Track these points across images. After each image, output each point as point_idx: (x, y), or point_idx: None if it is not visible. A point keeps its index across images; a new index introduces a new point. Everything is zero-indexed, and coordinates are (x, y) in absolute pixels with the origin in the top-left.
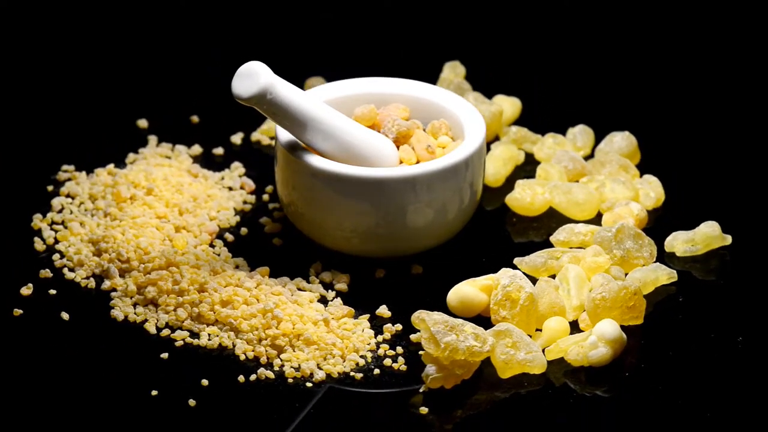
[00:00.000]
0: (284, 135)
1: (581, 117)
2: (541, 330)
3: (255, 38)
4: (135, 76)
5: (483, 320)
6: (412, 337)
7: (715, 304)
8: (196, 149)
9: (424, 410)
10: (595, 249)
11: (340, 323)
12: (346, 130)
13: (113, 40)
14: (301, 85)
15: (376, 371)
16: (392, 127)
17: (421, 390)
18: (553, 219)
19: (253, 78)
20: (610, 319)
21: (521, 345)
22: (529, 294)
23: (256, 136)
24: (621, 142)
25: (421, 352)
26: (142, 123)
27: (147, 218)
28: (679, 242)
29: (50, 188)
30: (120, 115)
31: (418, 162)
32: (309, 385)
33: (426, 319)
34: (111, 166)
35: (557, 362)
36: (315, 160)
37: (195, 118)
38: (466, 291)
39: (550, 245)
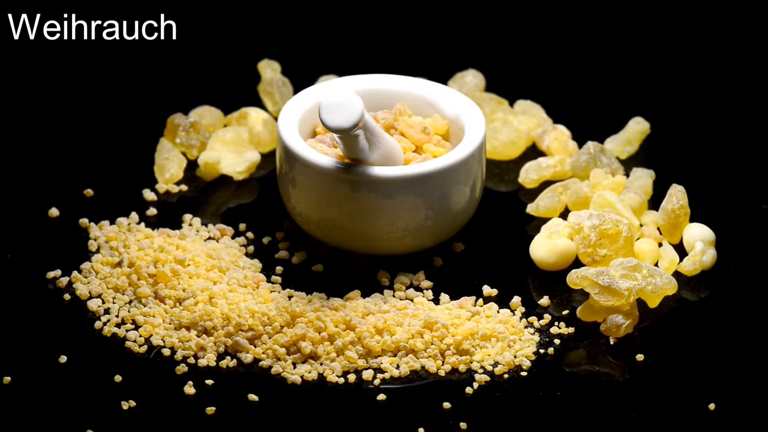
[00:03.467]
0: (315, 157)
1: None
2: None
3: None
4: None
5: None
6: (541, 302)
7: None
8: (135, 217)
9: (640, 357)
10: (599, 172)
11: (481, 313)
12: (385, 136)
13: None
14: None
15: (557, 341)
16: (378, 122)
17: (612, 342)
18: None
19: (348, 106)
20: (696, 223)
21: (654, 272)
22: (628, 225)
23: (162, 187)
24: (474, 80)
25: (558, 314)
26: (53, 212)
27: (212, 286)
28: (617, 145)
29: (67, 297)
30: (18, 208)
31: (416, 147)
32: (523, 374)
33: (588, 276)
34: (99, 257)
35: None
36: (360, 170)
37: (89, 191)
38: (561, 244)
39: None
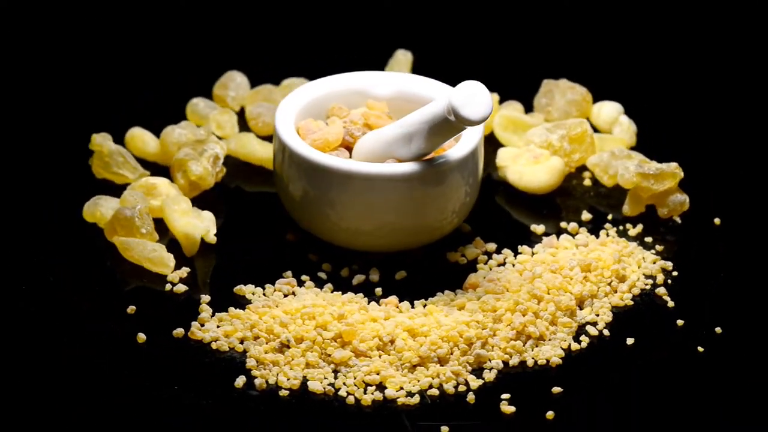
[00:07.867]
0: (361, 167)
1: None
2: None
3: None
4: None
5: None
6: (584, 217)
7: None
8: (206, 308)
9: (717, 221)
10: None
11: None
12: None
13: None
14: None
15: (647, 239)
16: (357, 124)
17: (679, 221)
18: None
19: (479, 94)
20: (600, 102)
21: (631, 153)
22: (587, 121)
23: (174, 276)
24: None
25: (609, 220)
26: (141, 336)
27: (369, 337)
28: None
29: (284, 393)
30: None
31: None
32: (675, 273)
33: (639, 170)
34: (257, 350)
35: None
36: (408, 166)
37: (132, 308)
38: (556, 163)
39: None
